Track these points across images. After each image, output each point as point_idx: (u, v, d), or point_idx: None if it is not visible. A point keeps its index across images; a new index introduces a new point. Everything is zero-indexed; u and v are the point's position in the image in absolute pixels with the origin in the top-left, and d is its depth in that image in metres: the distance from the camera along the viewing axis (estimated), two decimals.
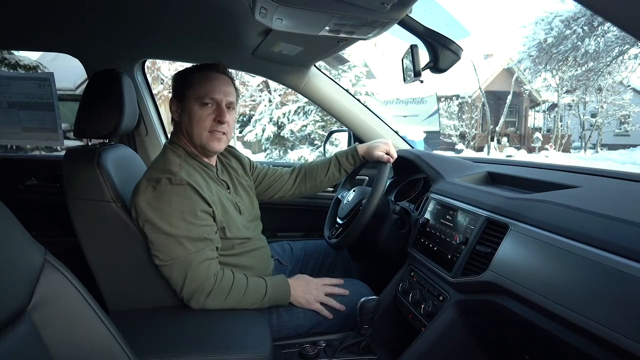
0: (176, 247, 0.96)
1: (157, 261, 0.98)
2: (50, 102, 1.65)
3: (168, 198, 0.96)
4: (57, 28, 1.36)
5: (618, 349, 0.54)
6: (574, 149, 15.27)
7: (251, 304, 1.04)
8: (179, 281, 0.98)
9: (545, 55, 11.22)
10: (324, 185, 1.38)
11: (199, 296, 0.98)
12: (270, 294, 1.06)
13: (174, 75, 1.12)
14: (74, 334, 0.60)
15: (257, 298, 1.04)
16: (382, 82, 11.94)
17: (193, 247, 0.97)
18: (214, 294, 0.99)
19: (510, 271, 0.75)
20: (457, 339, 0.91)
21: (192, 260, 0.97)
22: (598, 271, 0.59)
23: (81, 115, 1.10)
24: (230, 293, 1.01)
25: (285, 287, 1.09)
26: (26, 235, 0.58)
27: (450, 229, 0.99)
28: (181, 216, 0.96)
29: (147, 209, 0.96)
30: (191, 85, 1.06)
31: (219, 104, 1.06)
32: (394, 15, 0.88)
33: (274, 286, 1.07)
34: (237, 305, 1.02)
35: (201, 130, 1.05)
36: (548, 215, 0.74)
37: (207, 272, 0.99)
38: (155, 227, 0.96)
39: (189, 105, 1.05)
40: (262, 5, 0.84)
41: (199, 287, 0.98)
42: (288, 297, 1.08)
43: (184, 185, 0.97)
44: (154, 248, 0.98)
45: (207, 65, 1.09)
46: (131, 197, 1.01)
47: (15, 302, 0.53)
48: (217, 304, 1.00)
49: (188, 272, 0.97)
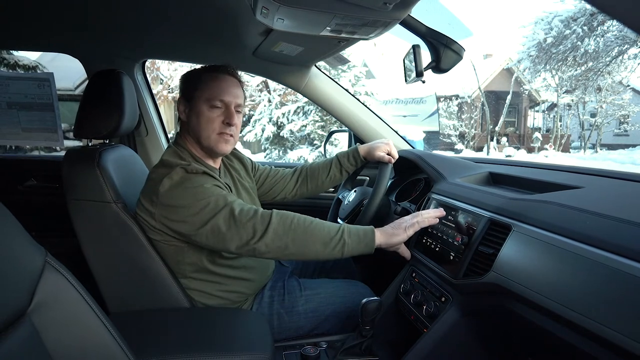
0: (214, 204, 0.94)
1: (198, 227, 0.93)
2: (50, 102, 1.64)
3: (189, 182, 0.95)
4: (57, 28, 1.36)
5: (621, 350, 0.53)
6: (574, 148, 15.28)
7: (326, 235, 0.94)
8: (231, 229, 0.93)
9: (545, 55, 11.24)
10: (326, 186, 1.38)
11: (262, 226, 0.93)
12: (349, 227, 0.98)
13: (183, 75, 1.11)
14: (74, 336, 0.59)
15: (331, 226, 0.96)
16: (382, 82, 11.95)
17: (229, 198, 0.96)
18: (277, 217, 0.94)
19: (513, 272, 0.75)
20: (460, 340, 0.90)
21: (234, 206, 0.95)
22: (601, 272, 0.59)
23: (81, 116, 1.09)
24: (296, 217, 0.95)
25: (368, 227, 1.00)
26: (27, 236, 0.57)
27: (452, 230, 0.99)
28: (205, 187, 0.95)
29: (171, 199, 0.95)
30: (200, 86, 1.05)
31: (227, 106, 1.06)
32: (396, 15, 0.88)
33: (350, 227, 0.99)
34: (308, 235, 0.94)
35: (209, 132, 1.05)
36: (550, 216, 0.74)
37: (255, 208, 0.96)
38: (184, 207, 0.94)
39: (197, 106, 1.05)
40: (264, 5, 0.84)
41: (256, 218, 0.94)
42: (372, 235, 0.98)
43: (200, 173, 0.98)
44: (191, 223, 0.94)
45: (217, 66, 1.08)
46: (142, 199, 1.00)
47: (15, 304, 0.53)
48: (285, 230, 0.93)
49: (235, 215, 0.93)
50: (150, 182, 1.00)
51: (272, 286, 1.17)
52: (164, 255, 1.03)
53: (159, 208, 0.96)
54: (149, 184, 1.01)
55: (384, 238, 1.00)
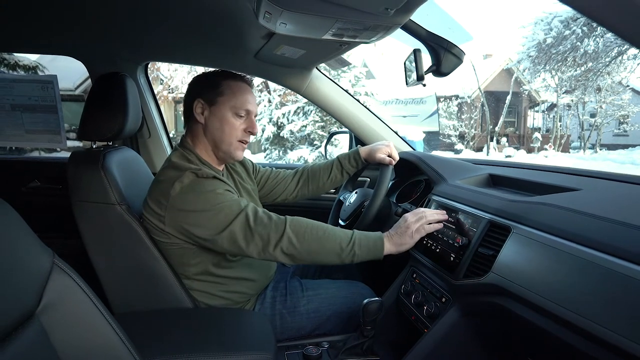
0: (228, 211, 0.96)
1: (215, 234, 0.95)
2: (53, 104, 1.65)
3: (201, 186, 0.97)
4: (60, 31, 1.36)
5: (619, 350, 0.54)
6: (573, 149, 15.26)
7: (337, 245, 0.97)
8: (247, 237, 0.95)
9: (545, 56, 11.24)
10: (327, 188, 1.39)
11: (276, 235, 0.95)
12: (359, 235, 1.00)
13: (200, 76, 1.13)
14: (82, 337, 0.60)
15: (343, 237, 0.98)
16: (382, 83, 11.95)
17: (242, 204, 0.98)
18: (291, 226, 0.96)
19: (512, 273, 0.75)
20: (460, 340, 0.91)
21: (248, 212, 0.97)
22: (600, 274, 0.60)
23: (85, 118, 1.10)
24: (309, 226, 0.98)
25: (377, 235, 1.02)
26: (34, 238, 0.58)
27: (452, 231, 1.00)
28: (218, 192, 0.97)
29: (183, 203, 0.96)
30: (225, 92, 1.07)
31: (250, 116, 1.09)
32: (397, 20, 0.89)
33: (361, 232, 1.01)
34: (321, 245, 0.96)
35: (232, 139, 1.07)
36: (550, 218, 0.75)
37: (268, 214, 0.98)
38: (198, 212, 0.96)
39: (221, 111, 1.07)
40: (267, 9, 0.85)
41: (270, 226, 0.96)
42: (381, 244, 1.00)
43: (210, 178, 0.99)
44: (206, 229, 0.96)
45: (240, 76, 1.12)
46: (150, 201, 1.01)
47: (24, 305, 0.54)
48: (299, 238, 0.96)
49: (250, 222, 0.95)
50: (159, 185, 1.01)
51: (274, 287, 1.18)
52: (168, 257, 1.04)
53: (170, 211, 0.97)
54: (157, 187, 1.01)
55: (393, 247, 1.02)
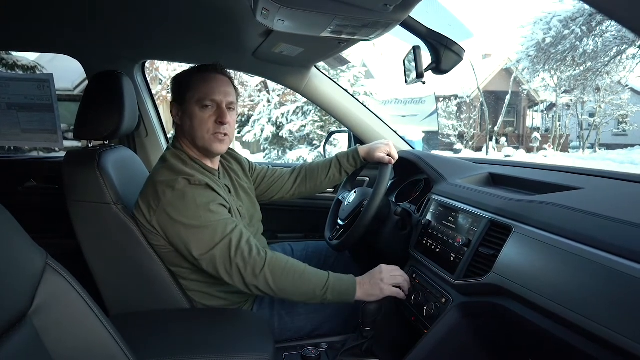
0: (212, 233, 0.96)
1: (197, 255, 0.96)
2: (49, 103, 1.64)
3: (191, 196, 0.96)
4: (57, 29, 1.36)
5: (622, 351, 0.53)
6: (572, 148, 15.28)
7: (311, 291, 0.97)
8: (226, 266, 0.96)
9: (544, 55, 11.25)
10: (324, 186, 1.38)
11: (253, 272, 0.95)
12: (333, 281, 1.00)
13: (172, 79, 1.12)
14: (75, 338, 0.60)
15: (317, 283, 0.98)
16: (381, 82, 11.94)
17: (228, 228, 0.97)
18: (269, 267, 0.96)
19: (513, 273, 0.75)
20: (461, 341, 0.91)
21: (232, 239, 0.96)
22: (601, 273, 0.59)
23: (81, 117, 1.09)
24: (287, 268, 0.97)
25: (350, 280, 1.02)
26: (27, 238, 0.57)
27: (452, 231, 0.99)
28: (208, 208, 0.97)
29: (172, 211, 0.96)
30: (190, 88, 1.05)
31: (219, 105, 1.05)
32: (396, 16, 0.88)
33: (336, 276, 1.01)
34: (296, 288, 0.97)
35: (203, 133, 1.05)
36: (551, 217, 0.74)
37: (250, 245, 0.97)
38: (185, 225, 0.95)
39: (189, 108, 1.05)
40: (264, 6, 0.84)
41: (249, 262, 0.95)
42: (353, 291, 1.01)
43: (203, 185, 0.98)
44: (189, 246, 0.96)
45: (205, 66, 1.08)
46: (140, 201, 1.01)
47: (16, 306, 0.53)
48: (275, 280, 0.96)
49: (231, 252, 0.95)
50: (152, 187, 1.00)
51: None
52: (163, 257, 1.03)
53: (158, 215, 0.97)
54: (150, 188, 1.00)
55: (363, 295, 1.01)
